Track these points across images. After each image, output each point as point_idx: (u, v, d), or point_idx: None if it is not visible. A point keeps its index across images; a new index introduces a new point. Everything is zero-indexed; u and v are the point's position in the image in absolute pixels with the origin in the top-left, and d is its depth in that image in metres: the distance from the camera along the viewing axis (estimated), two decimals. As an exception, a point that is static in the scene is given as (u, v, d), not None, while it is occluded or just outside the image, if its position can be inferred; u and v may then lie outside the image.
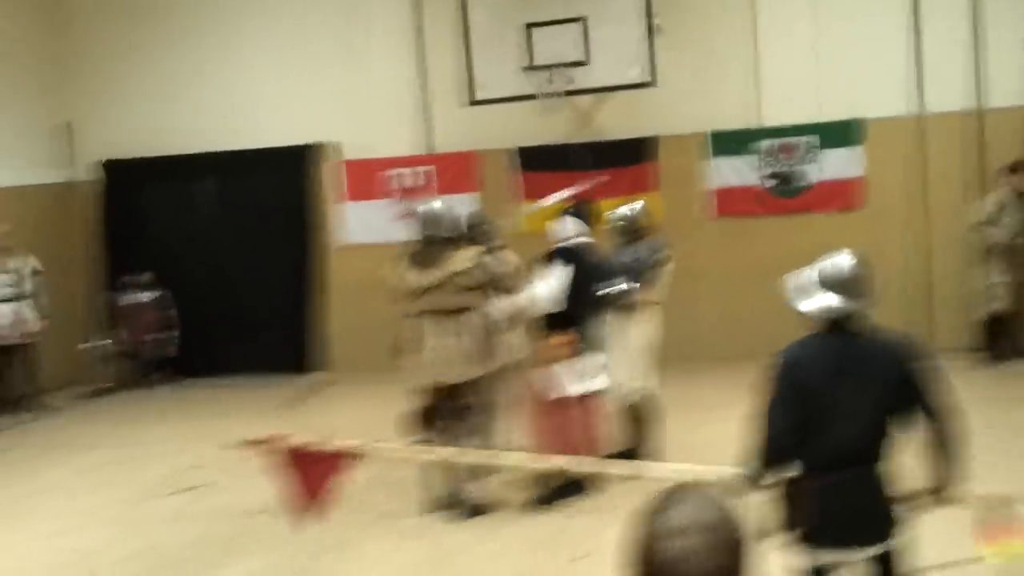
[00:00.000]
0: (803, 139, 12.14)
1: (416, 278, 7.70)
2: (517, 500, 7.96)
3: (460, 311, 7.68)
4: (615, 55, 11.58)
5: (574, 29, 11.65)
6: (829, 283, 4.49)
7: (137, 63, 13.99)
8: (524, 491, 7.99)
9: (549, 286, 7.77)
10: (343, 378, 12.94)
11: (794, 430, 4.36)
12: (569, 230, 8.14)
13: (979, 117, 11.62)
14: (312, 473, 5.42)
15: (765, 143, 12.23)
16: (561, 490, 7.82)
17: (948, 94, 11.65)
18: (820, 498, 4.36)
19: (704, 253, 12.26)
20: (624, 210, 8.90)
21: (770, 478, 4.44)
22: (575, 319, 7.80)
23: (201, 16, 13.81)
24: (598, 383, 7.97)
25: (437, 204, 8.12)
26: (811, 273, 4.56)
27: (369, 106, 13.20)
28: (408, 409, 8.00)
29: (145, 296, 13.69)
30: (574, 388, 7.82)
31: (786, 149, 12.22)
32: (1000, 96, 11.56)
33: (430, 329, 7.74)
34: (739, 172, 12.34)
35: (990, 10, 11.55)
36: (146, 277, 13.69)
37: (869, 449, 4.39)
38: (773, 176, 12.27)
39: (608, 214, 8.97)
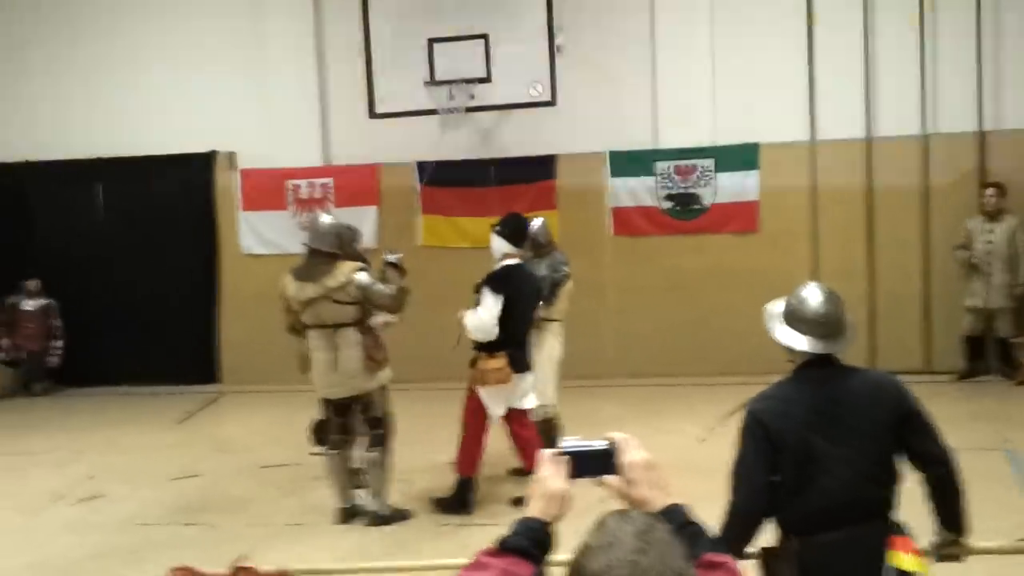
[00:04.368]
0: (699, 162, 12.34)
1: (296, 291, 7.67)
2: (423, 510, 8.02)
3: (338, 326, 7.64)
4: (517, 73, 11.64)
5: (477, 46, 11.69)
6: (797, 321, 4.05)
7: (27, 62, 13.66)
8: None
9: (479, 318, 7.67)
10: (237, 389, 12.77)
11: (766, 491, 3.92)
12: (497, 250, 7.99)
13: (868, 145, 11.95)
14: None
15: (662, 165, 12.40)
16: (450, 503, 7.91)
17: (840, 122, 11.96)
18: (806, 565, 3.92)
19: (604, 271, 12.39)
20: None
21: (746, 544, 3.99)
22: (508, 340, 7.73)
23: (99, 17, 13.51)
24: (529, 401, 8.02)
25: (323, 218, 8.07)
26: (779, 308, 4.15)
27: (269, 116, 13.05)
28: (312, 421, 7.99)
29: (30, 304, 13.32)
30: (498, 411, 7.83)
31: (682, 171, 12.40)
32: (889, 126, 11.91)
33: (314, 343, 7.74)
34: (636, 193, 12.49)
35: (881, 43, 11.91)
36: (32, 285, 13.33)
37: (862, 505, 3.90)
38: (670, 198, 12.45)
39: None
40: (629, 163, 12.48)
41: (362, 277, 7.61)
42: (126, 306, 13.43)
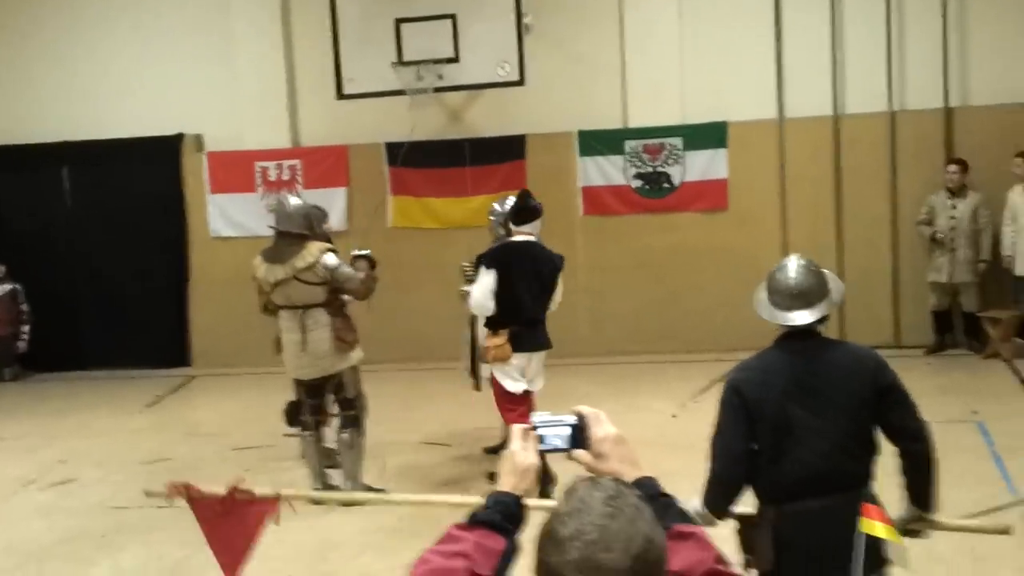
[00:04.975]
0: (668, 140, 12.36)
1: (265, 273, 7.67)
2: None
3: (308, 307, 7.65)
4: (485, 53, 11.61)
5: (444, 26, 11.65)
6: (776, 294, 4.09)
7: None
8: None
9: (472, 295, 7.60)
10: (208, 372, 12.73)
11: (744, 459, 3.95)
12: (497, 229, 8.00)
13: (836, 122, 12.00)
14: (236, 526, 5.07)
15: (631, 143, 12.41)
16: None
17: (808, 100, 12.00)
18: (781, 535, 3.94)
19: (575, 251, 12.37)
20: (496, 206, 8.86)
21: (725, 513, 4.05)
22: (511, 317, 7.63)
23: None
24: (538, 384, 7.93)
25: (291, 200, 8.07)
26: (762, 284, 4.19)
27: (235, 97, 12.97)
28: (285, 402, 7.99)
29: (-4, 289, 13.22)
30: (514, 386, 7.75)
31: (651, 150, 12.42)
32: (856, 103, 11.96)
33: (284, 324, 7.76)
34: (605, 172, 12.51)
35: (848, 21, 11.95)
36: (-3, 270, 13.23)
37: (838, 476, 3.91)
38: (639, 176, 12.47)
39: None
40: (598, 142, 12.49)
41: (330, 258, 7.61)
42: (95, 290, 13.35)
